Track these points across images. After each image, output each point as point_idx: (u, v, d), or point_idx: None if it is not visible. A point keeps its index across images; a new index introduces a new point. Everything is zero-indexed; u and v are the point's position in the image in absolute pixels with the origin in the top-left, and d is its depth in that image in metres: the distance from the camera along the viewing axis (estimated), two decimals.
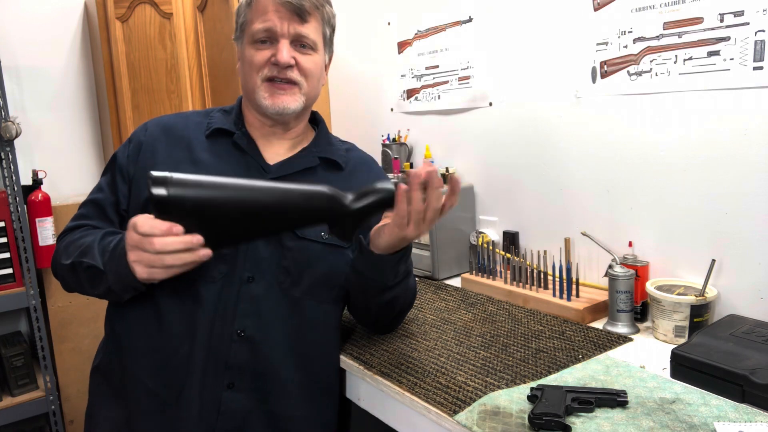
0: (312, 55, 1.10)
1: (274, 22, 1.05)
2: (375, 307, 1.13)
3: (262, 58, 1.07)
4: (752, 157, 1.15)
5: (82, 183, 2.43)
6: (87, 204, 1.13)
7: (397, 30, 1.98)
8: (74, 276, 1.03)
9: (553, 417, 0.85)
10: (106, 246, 0.98)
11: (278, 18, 1.05)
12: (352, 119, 2.27)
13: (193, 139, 1.11)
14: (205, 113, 1.18)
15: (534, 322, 1.29)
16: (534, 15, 1.52)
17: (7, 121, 1.96)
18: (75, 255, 1.01)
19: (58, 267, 1.07)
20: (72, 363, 2.22)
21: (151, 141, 1.11)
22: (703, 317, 1.15)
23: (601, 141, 1.41)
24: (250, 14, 1.09)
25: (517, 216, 1.65)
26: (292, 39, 1.07)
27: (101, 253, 0.98)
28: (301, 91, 1.10)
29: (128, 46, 2.19)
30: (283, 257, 1.06)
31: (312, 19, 1.08)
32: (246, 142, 1.12)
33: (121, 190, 1.10)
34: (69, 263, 1.02)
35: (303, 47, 1.09)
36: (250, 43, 1.09)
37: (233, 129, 1.13)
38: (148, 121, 1.17)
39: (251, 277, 1.05)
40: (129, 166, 1.10)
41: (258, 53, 1.08)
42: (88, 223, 1.09)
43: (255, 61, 1.08)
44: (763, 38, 1.10)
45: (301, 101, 1.11)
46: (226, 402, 1.02)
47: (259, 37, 1.07)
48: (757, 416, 0.86)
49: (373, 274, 1.05)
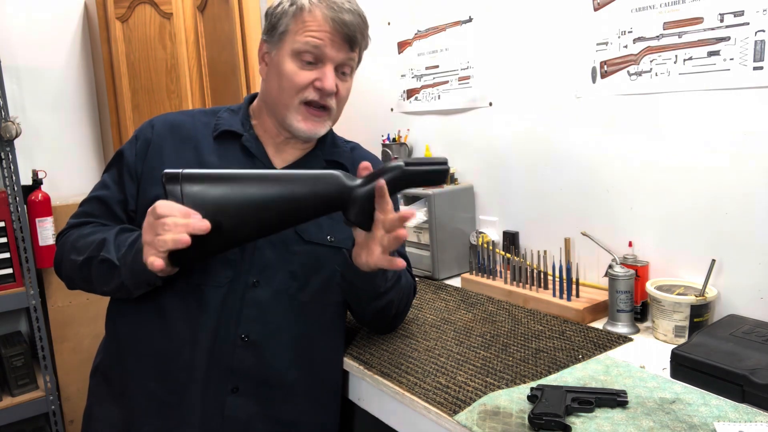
0: (348, 81, 1.10)
1: (325, 43, 1.03)
2: (371, 311, 1.13)
3: (306, 79, 1.05)
4: (752, 158, 1.15)
5: (82, 183, 2.43)
6: (91, 201, 1.10)
7: (397, 30, 1.98)
8: (83, 272, 1.01)
9: (553, 417, 0.85)
10: (124, 240, 0.97)
11: (330, 41, 1.03)
12: (352, 119, 2.26)
13: (201, 140, 1.10)
14: (212, 112, 1.16)
15: (534, 322, 1.29)
16: (534, 15, 1.52)
17: (7, 121, 1.96)
18: (89, 250, 0.99)
19: (65, 263, 1.05)
20: (72, 363, 2.22)
21: (158, 140, 1.09)
22: (703, 317, 1.15)
23: (601, 141, 1.41)
24: (295, 25, 1.04)
25: (517, 216, 1.65)
26: (338, 64, 1.06)
27: (117, 248, 0.96)
28: (331, 116, 1.11)
29: (128, 46, 2.19)
30: (289, 262, 1.06)
31: (357, 47, 1.08)
32: (254, 145, 1.11)
33: (129, 190, 1.07)
34: (82, 259, 1.00)
35: (343, 74, 1.08)
36: (291, 55, 1.05)
37: (241, 131, 1.11)
38: (153, 117, 1.14)
39: (257, 282, 1.04)
40: (137, 165, 1.07)
41: (302, 72, 1.05)
42: (94, 220, 1.07)
43: (297, 81, 1.05)
44: (763, 38, 1.10)
45: (329, 126, 1.13)
46: (230, 407, 1.01)
47: (304, 52, 1.04)
48: (757, 416, 0.86)
49: (363, 285, 1.04)
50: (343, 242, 1.10)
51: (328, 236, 1.09)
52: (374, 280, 1.03)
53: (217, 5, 2.06)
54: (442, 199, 1.65)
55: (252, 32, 1.95)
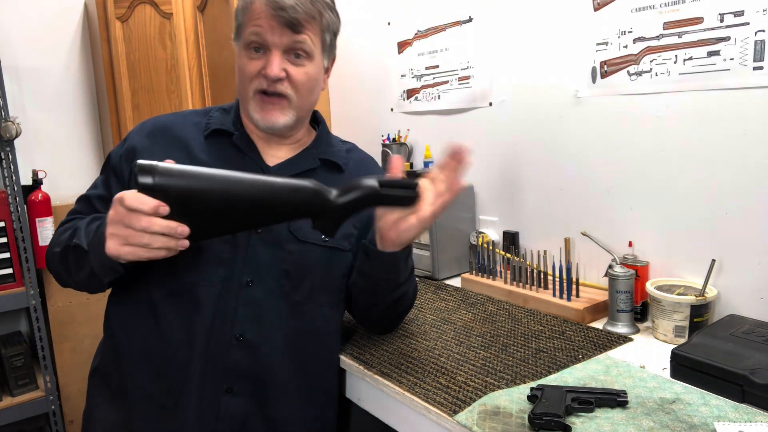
0: (305, 65, 1.07)
1: (265, 30, 1.02)
2: (383, 306, 1.13)
3: (254, 69, 1.05)
4: (752, 158, 1.15)
5: (82, 183, 2.42)
6: (81, 200, 1.13)
7: (397, 30, 1.98)
8: (63, 263, 1.02)
9: (553, 417, 0.85)
10: (93, 227, 0.97)
11: (269, 27, 1.02)
12: (352, 119, 2.27)
13: (191, 139, 1.10)
14: (204, 112, 1.16)
15: (534, 322, 1.29)
16: (534, 15, 1.52)
17: (7, 121, 1.96)
18: (65, 240, 1.01)
19: (50, 257, 1.07)
20: (72, 363, 2.22)
21: (148, 145, 1.08)
22: (703, 317, 1.15)
23: (601, 141, 1.41)
24: (244, 18, 1.06)
25: (517, 216, 1.65)
26: (286, 49, 1.04)
27: (86, 234, 0.97)
28: (290, 105, 1.08)
29: (128, 46, 2.19)
30: (283, 261, 1.06)
31: (308, 28, 1.05)
32: (245, 143, 1.11)
33: (114, 191, 1.06)
34: (59, 250, 1.01)
35: (297, 57, 1.06)
36: (243, 49, 1.07)
37: (232, 129, 1.11)
38: (144, 121, 1.15)
39: (251, 281, 1.03)
40: (123, 168, 1.08)
41: (250, 63, 1.05)
42: (82, 217, 1.09)
43: (246, 71, 1.06)
44: (763, 38, 1.10)
45: (291, 115, 1.08)
46: (225, 407, 1.01)
47: (251, 44, 1.05)
48: (757, 416, 0.86)
49: (386, 274, 1.06)
50: (338, 242, 1.10)
51: (323, 235, 1.09)
52: (398, 265, 1.05)
53: (217, 5, 2.06)
54: None
55: None
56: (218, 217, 0.89)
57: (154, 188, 0.83)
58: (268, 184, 0.91)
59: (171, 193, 0.84)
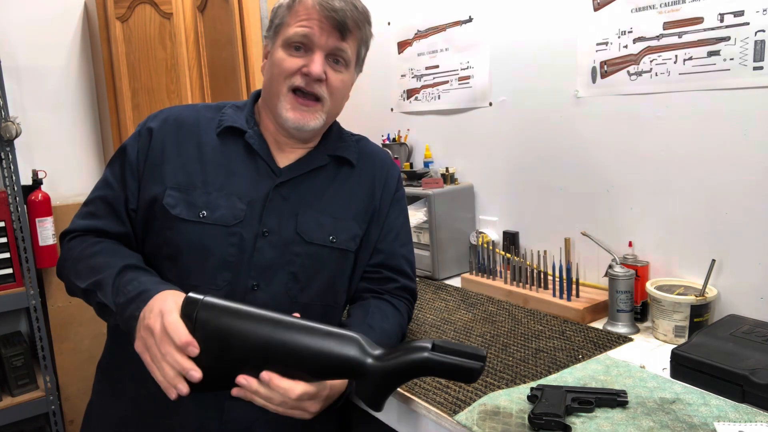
0: (343, 73, 1.07)
1: (314, 31, 1.01)
2: None
3: (293, 65, 1.03)
4: (752, 157, 1.15)
5: (82, 183, 2.43)
6: (96, 201, 1.08)
7: (397, 30, 1.98)
8: (84, 298, 1.01)
9: (553, 417, 0.85)
10: (122, 288, 0.95)
11: (319, 28, 1.01)
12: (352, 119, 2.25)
13: (203, 136, 1.08)
14: (217, 108, 1.14)
15: (534, 322, 1.29)
16: (534, 15, 1.52)
17: (7, 121, 1.96)
18: (88, 281, 0.98)
19: (65, 278, 1.04)
20: (72, 363, 2.22)
21: (161, 136, 1.07)
22: (703, 317, 1.15)
23: (601, 141, 1.41)
24: (289, 16, 1.04)
25: (517, 216, 1.65)
26: (328, 53, 1.04)
27: (114, 293, 0.95)
28: (323, 109, 1.07)
29: (128, 46, 2.19)
30: (291, 263, 1.04)
31: (351, 36, 1.05)
32: (258, 143, 1.09)
33: (130, 187, 1.06)
34: (82, 288, 0.99)
35: (336, 63, 1.06)
36: (283, 45, 1.04)
37: (245, 127, 1.09)
38: (158, 111, 1.13)
39: (256, 285, 1.02)
40: (139, 162, 1.06)
41: (290, 59, 1.03)
42: (97, 225, 1.06)
43: (285, 67, 1.03)
44: (763, 38, 1.10)
45: (322, 119, 1.07)
46: (230, 411, 1.01)
47: (294, 42, 1.03)
48: (757, 416, 0.86)
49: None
50: (345, 243, 1.10)
51: (330, 237, 1.08)
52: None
53: (217, 5, 2.06)
54: (442, 199, 1.65)
55: (252, 32, 1.95)
56: (248, 361, 0.85)
57: (195, 320, 0.83)
58: (309, 329, 0.85)
59: (211, 331, 0.83)
